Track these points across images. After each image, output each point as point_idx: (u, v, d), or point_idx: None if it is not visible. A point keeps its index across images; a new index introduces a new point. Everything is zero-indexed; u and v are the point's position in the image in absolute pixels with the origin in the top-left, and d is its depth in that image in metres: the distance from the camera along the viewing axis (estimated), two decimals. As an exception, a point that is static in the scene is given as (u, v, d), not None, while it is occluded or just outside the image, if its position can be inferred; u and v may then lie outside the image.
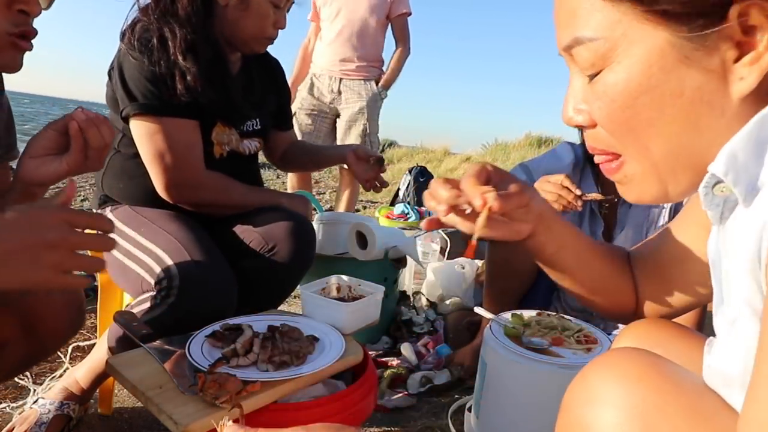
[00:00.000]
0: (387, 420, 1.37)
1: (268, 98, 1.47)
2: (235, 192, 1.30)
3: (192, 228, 1.19)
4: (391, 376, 1.53)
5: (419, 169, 4.57)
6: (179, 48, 1.17)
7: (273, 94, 1.50)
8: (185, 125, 1.21)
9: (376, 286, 1.14)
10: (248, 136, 1.40)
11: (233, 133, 1.34)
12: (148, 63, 1.16)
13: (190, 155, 1.22)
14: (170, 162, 1.19)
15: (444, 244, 2.51)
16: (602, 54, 0.46)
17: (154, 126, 1.18)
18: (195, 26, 1.21)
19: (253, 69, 1.43)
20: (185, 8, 1.20)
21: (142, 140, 1.20)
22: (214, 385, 0.76)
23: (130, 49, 1.17)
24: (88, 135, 0.82)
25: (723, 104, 0.43)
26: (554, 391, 0.60)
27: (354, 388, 0.90)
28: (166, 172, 1.20)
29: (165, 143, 1.19)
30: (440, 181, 0.70)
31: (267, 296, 1.28)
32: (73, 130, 0.82)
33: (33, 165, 0.82)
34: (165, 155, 1.19)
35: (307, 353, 0.91)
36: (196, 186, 1.24)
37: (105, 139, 0.84)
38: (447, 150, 9.97)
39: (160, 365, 0.84)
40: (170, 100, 1.18)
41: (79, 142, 0.82)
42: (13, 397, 1.36)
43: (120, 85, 1.19)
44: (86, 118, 0.82)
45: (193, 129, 1.23)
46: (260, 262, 1.23)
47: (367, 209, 4.79)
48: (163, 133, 1.19)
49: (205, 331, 0.94)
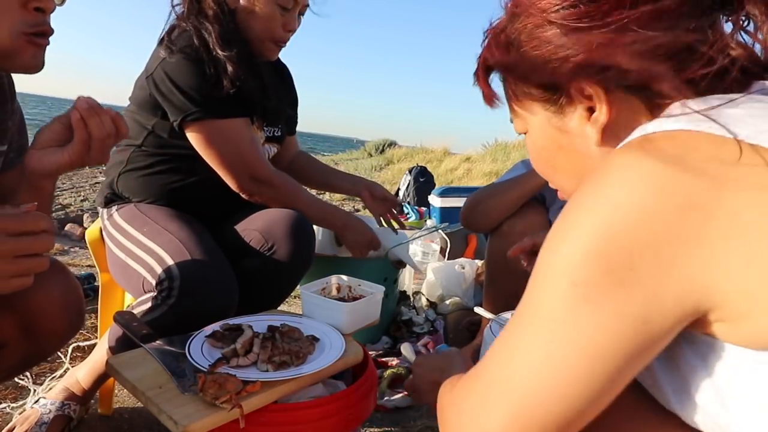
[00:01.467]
0: (387, 420, 1.37)
1: (283, 104, 1.49)
2: (302, 198, 1.35)
3: (194, 228, 1.20)
4: (391, 376, 1.53)
5: (419, 169, 4.58)
6: (217, 42, 1.21)
7: (286, 99, 1.52)
8: (245, 123, 1.27)
9: (376, 286, 1.14)
10: (270, 142, 1.43)
11: (262, 137, 1.38)
12: (195, 63, 1.19)
13: (257, 151, 1.28)
14: (243, 160, 1.25)
15: (444, 244, 2.52)
16: (522, 126, 0.66)
17: (219, 128, 1.23)
18: (223, 21, 1.25)
19: (267, 75, 1.43)
20: (211, 7, 1.25)
21: (209, 143, 1.24)
22: (214, 385, 0.76)
23: (172, 54, 1.20)
24: (90, 125, 0.79)
25: (587, 150, 0.59)
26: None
27: (354, 388, 0.90)
28: (240, 169, 1.26)
29: (233, 143, 1.24)
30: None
31: (267, 296, 1.29)
32: (75, 119, 0.79)
33: (36, 156, 0.81)
34: (236, 154, 1.24)
35: (307, 353, 0.91)
36: (269, 183, 1.29)
37: (107, 129, 0.81)
38: (447, 150, 9.98)
39: (160, 365, 0.84)
40: (225, 101, 1.21)
41: (82, 132, 0.80)
42: (14, 397, 1.36)
43: (174, 91, 1.20)
44: (88, 107, 0.79)
45: (250, 126, 1.29)
46: (260, 261, 1.23)
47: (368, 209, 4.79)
48: (230, 134, 1.24)
49: (205, 332, 0.94)
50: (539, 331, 0.48)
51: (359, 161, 10.39)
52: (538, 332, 0.48)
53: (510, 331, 0.51)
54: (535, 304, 0.49)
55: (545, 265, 0.49)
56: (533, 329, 0.49)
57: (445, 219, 3.13)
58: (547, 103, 0.60)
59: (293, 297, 2.23)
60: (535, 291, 0.50)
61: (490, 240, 1.55)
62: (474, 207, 1.54)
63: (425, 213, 3.53)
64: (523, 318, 0.50)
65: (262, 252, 1.23)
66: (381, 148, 11.55)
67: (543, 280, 0.49)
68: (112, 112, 0.82)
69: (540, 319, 0.48)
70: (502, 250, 1.46)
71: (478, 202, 1.54)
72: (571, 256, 0.46)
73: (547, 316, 0.47)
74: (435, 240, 2.49)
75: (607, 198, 0.45)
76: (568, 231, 0.47)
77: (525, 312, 0.50)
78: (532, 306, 0.50)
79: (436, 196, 3.42)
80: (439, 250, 2.48)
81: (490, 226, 1.55)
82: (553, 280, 0.47)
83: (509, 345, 0.51)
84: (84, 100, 0.79)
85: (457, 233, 2.54)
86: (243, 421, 0.76)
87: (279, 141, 1.48)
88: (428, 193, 3.70)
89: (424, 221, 3.25)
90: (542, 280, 0.49)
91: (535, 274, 0.50)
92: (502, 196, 1.48)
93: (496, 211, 1.49)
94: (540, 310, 0.48)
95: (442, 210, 3.31)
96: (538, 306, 0.49)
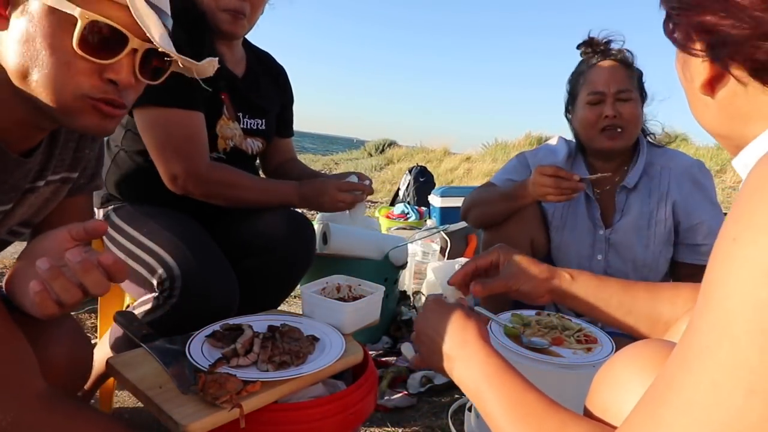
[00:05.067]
0: (387, 420, 1.37)
1: (273, 100, 1.48)
2: (244, 187, 1.26)
3: (194, 228, 1.19)
4: (391, 376, 1.53)
5: (419, 168, 4.57)
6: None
7: (277, 98, 1.50)
8: (189, 116, 1.21)
9: (376, 286, 1.14)
10: (252, 135, 1.39)
11: (237, 129, 1.34)
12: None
13: (193, 146, 1.21)
14: (174, 152, 1.19)
15: (444, 244, 2.51)
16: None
17: (159, 116, 1.18)
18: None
19: (258, 72, 1.43)
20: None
21: (147, 131, 1.20)
22: (214, 385, 0.76)
23: None
24: (87, 282, 0.68)
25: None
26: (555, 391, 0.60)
27: (354, 388, 0.90)
28: (169, 162, 1.20)
29: (169, 133, 1.18)
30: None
31: (268, 295, 1.28)
32: (33, 293, 0.66)
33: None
34: (168, 145, 1.19)
35: (308, 353, 0.91)
36: (200, 178, 1.22)
37: (78, 294, 0.69)
38: (447, 150, 9.96)
39: (160, 365, 0.84)
40: (174, 89, 1.13)
41: (47, 308, 0.68)
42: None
43: None
44: (48, 268, 0.66)
45: (196, 120, 1.22)
46: (260, 261, 1.23)
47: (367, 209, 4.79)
48: (167, 123, 1.18)
49: (205, 331, 0.94)
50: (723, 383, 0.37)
51: (359, 161, 10.39)
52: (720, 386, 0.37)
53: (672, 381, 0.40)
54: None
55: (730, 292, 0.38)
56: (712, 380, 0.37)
57: (445, 219, 3.13)
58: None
59: (293, 297, 2.23)
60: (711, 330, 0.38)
61: (485, 235, 1.58)
62: (467, 210, 1.58)
63: (425, 213, 3.53)
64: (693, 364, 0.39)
65: (262, 252, 1.23)
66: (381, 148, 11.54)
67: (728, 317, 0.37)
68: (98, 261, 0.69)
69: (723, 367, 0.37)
70: (497, 241, 1.51)
71: (473, 205, 1.57)
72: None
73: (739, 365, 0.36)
74: (435, 240, 2.49)
75: None
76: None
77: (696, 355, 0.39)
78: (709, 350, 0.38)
79: (436, 195, 3.42)
80: (439, 249, 2.48)
81: (483, 227, 1.59)
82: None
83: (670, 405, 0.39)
84: (44, 260, 0.66)
85: (457, 233, 2.54)
86: (243, 421, 0.76)
87: (265, 136, 1.44)
88: (428, 193, 3.70)
89: (424, 221, 3.25)
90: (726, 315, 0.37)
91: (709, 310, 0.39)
92: (493, 207, 1.50)
93: (486, 217, 1.53)
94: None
95: (442, 210, 3.31)
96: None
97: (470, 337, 0.70)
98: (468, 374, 0.67)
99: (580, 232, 1.49)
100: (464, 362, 0.68)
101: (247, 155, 1.39)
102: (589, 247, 1.48)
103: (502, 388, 0.61)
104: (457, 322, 0.73)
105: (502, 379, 0.62)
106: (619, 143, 1.41)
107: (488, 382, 0.63)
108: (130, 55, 0.72)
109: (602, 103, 1.40)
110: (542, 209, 1.53)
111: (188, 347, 0.87)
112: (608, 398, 0.56)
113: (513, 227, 1.48)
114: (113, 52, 0.70)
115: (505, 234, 1.46)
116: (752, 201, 0.38)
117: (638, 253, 1.43)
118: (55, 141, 0.84)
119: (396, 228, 3.02)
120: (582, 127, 1.46)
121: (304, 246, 1.27)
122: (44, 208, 0.89)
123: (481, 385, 0.64)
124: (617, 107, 1.38)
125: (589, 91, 1.42)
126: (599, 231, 1.47)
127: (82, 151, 0.90)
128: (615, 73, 1.40)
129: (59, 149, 0.85)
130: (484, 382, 0.64)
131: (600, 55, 1.44)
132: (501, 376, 0.63)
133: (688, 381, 0.39)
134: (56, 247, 0.73)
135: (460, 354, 0.69)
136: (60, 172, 0.87)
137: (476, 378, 0.65)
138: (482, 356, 0.67)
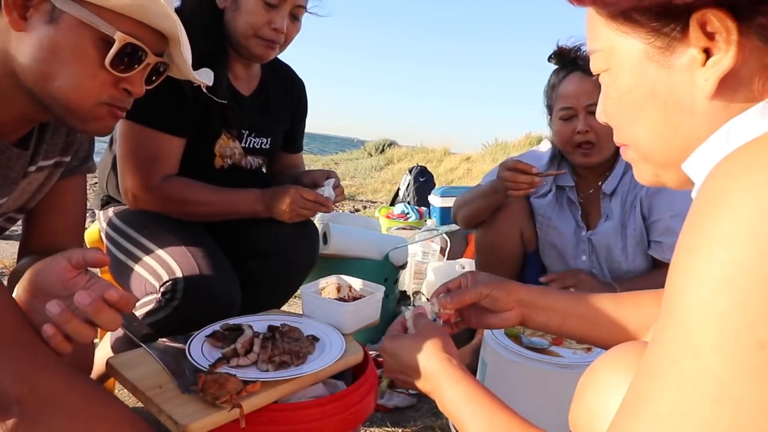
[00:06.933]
0: (387, 420, 1.37)
1: (282, 119, 1.44)
2: (204, 203, 1.23)
3: (195, 230, 1.19)
4: (391, 376, 1.53)
5: (419, 169, 4.57)
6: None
7: (287, 114, 1.47)
8: (161, 138, 1.19)
9: (376, 286, 1.14)
10: (253, 153, 1.37)
11: (237, 147, 1.32)
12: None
13: (153, 167, 1.19)
14: (131, 168, 1.18)
15: (444, 244, 2.51)
16: (605, 61, 0.54)
17: (133, 131, 1.18)
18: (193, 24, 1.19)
19: (271, 89, 1.40)
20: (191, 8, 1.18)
21: (119, 141, 1.20)
22: (214, 385, 0.76)
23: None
24: (99, 322, 0.72)
25: (692, 105, 0.48)
26: (554, 391, 0.60)
27: (354, 388, 0.90)
28: (124, 177, 1.19)
29: (134, 149, 1.18)
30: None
31: (271, 297, 1.28)
32: (47, 336, 0.70)
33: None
34: (129, 161, 1.18)
35: (308, 353, 0.91)
36: (151, 195, 1.20)
37: (90, 332, 0.74)
38: (447, 150, 9.96)
39: (160, 365, 0.84)
40: (158, 111, 1.15)
41: (60, 347, 0.72)
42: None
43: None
44: (90, 302, 0.70)
45: (168, 144, 1.20)
46: (265, 262, 1.23)
47: (368, 209, 4.79)
48: (137, 140, 1.18)
49: (205, 331, 0.94)
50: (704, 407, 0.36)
51: (359, 161, 10.39)
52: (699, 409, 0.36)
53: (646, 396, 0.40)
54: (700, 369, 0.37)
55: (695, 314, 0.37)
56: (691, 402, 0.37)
57: (445, 219, 3.13)
58: (652, 34, 0.48)
59: (293, 297, 2.23)
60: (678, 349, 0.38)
61: (477, 233, 1.61)
62: (455, 213, 1.63)
63: (425, 213, 3.53)
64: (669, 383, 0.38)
65: (267, 253, 1.23)
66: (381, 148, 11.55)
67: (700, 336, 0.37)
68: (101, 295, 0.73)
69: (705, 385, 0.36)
70: (488, 242, 1.56)
71: (458, 206, 1.62)
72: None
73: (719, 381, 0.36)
74: (435, 240, 2.49)
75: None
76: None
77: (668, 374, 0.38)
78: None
79: (436, 195, 3.42)
80: (439, 250, 2.48)
81: (470, 226, 1.63)
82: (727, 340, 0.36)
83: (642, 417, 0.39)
84: (54, 304, 0.69)
85: (457, 233, 2.54)
86: (243, 421, 0.76)
87: (267, 154, 1.42)
88: (428, 193, 3.70)
89: (424, 221, 3.25)
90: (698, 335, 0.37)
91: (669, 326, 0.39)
92: (474, 206, 1.54)
93: (470, 216, 1.57)
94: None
95: (442, 210, 3.31)
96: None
97: (431, 370, 0.74)
98: (444, 407, 0.71)
99: (565, 232, 1.51)
100: (436, 395, 0.72)
101: (246, 170, 1.37)
102: (573, 247, 1.51)
103: (476, 413, 0.65)
104: (417, 358, 0.76)
105: (471, 405, 0.66)
106: (594, 159, 1.42)
107: (460, 412, 0.67)
108: (144, 68, 0.79)
109: (574, 117, 1.39)
110: (530, 204, 1.56)
111: (188, 347, 0.87)
112: (594, 403, 0.56)
113: (502, 221, 1.53)
114: (133, 67, 0.77)
115: (496, 228, 1.52)
116: (706, 212, 0.39)
117: (617, 255, 1.45)
118: (45, 127, 0.85)
119: (396, 228, 3.02)
120: (558, 142, 1.48)
121: (309, 249, 1.27)
122: (38, 193, 0.89)
123: (455, 414, 0.68)
124: (589, 121, 1.36)
125: (560, 106, 1.42)
126: (582, 232, 1.49)
127: (74, 135, 0.91)
128: (585, 86, 1.37)
129: (50, 134, 0.86)
130: (457, 412, 0.68)
131: (570, 65, 1.42)
132: (470, 402, 0.66)
133: (655, 394, 0.39)
134: (58, 279, 0.76)
135: (431, 389, 0.74)
136: (52, 157, 0.88)
137: (449, 409, 0.70)
138: (445, 387, 0.71)
